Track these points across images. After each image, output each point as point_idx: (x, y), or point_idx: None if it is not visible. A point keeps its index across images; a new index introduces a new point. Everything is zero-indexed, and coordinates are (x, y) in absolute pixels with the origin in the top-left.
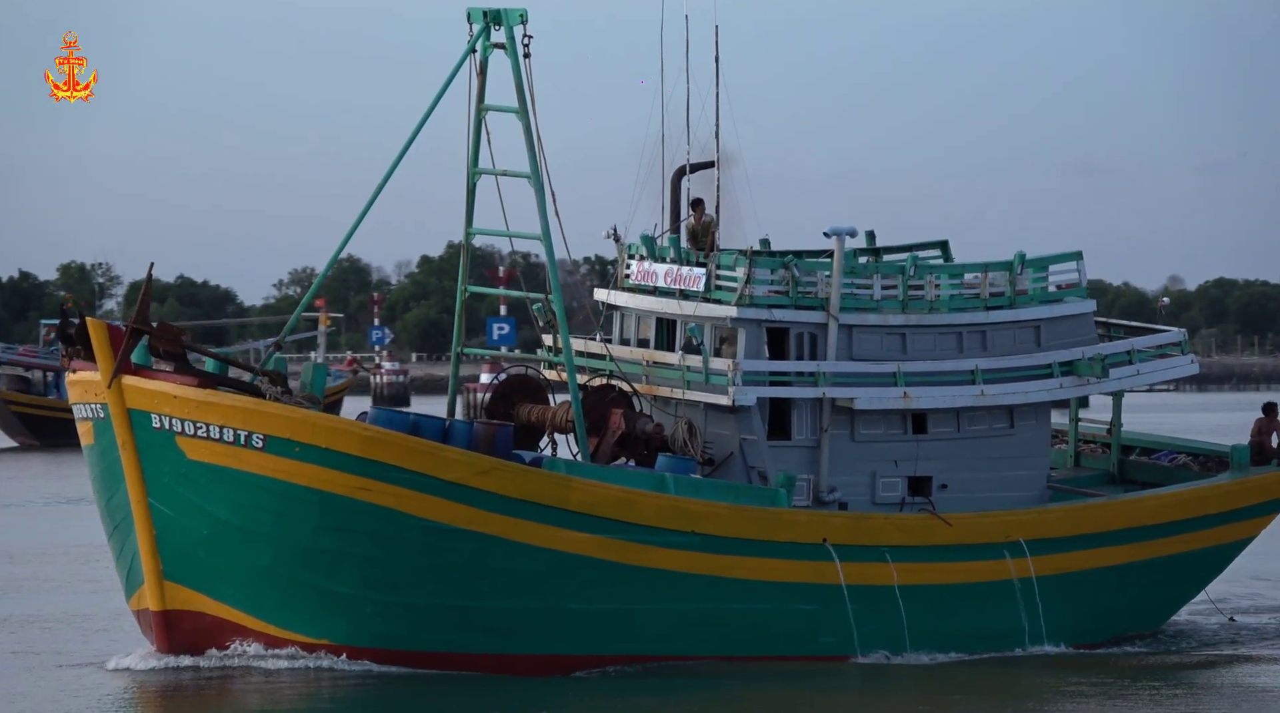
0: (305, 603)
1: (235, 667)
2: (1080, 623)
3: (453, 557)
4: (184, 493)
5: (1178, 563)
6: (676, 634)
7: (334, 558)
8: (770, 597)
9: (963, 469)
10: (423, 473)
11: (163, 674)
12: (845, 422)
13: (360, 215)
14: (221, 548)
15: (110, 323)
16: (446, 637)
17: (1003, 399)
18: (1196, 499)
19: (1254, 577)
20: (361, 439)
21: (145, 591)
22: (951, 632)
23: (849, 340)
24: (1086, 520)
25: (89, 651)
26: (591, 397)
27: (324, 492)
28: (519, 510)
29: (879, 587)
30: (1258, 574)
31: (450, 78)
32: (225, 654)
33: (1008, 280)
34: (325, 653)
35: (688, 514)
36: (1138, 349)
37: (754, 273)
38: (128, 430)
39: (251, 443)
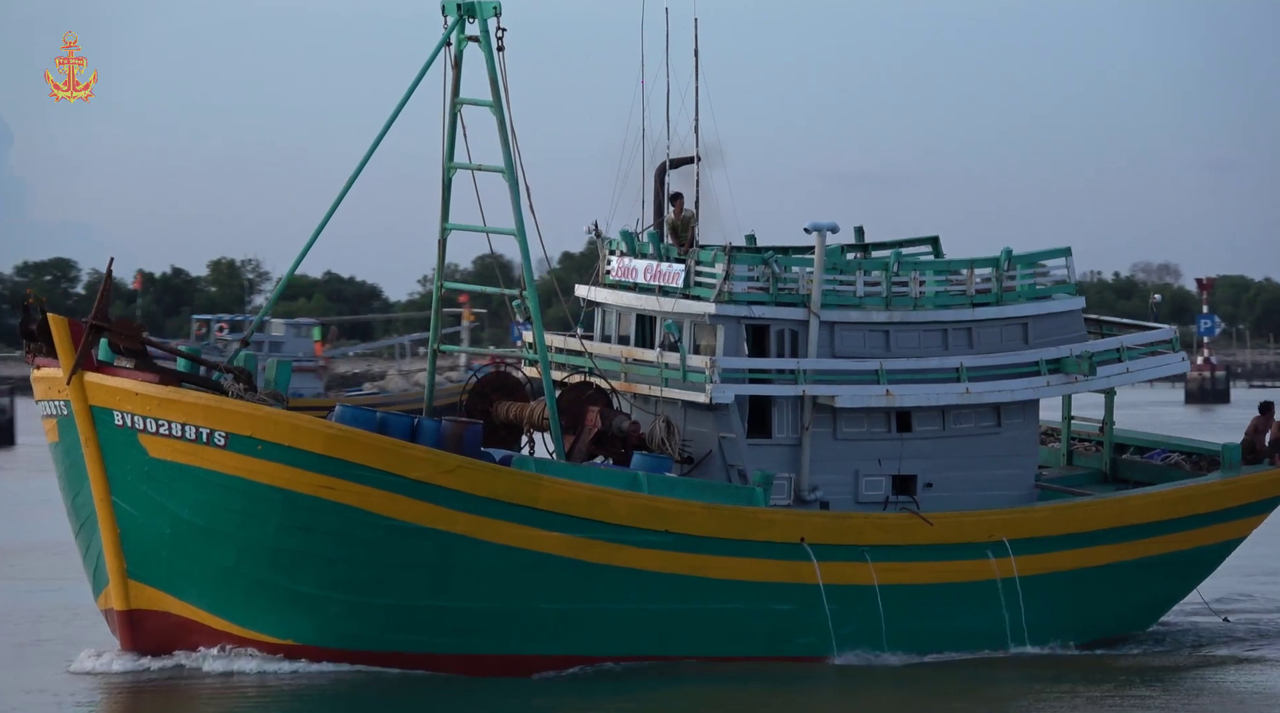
0: (270, 603)
1: (200, 668)
2: (1066, 623)
3: (419, 556)
4: (147, 491)
5: (1167, 563)
6: (650, 634)
7: (298, 558)
8: (746, 597)
9: (949, 468)
10: (387, 471)
11: (127, 676)
12: (827, 420)
13: (328, 213)
14: (185, 547)
15: (72, 319)
16: (414, 637)
17: (988, 397)
18: (1185, 499)
19: (1249, 575)
20: (324, 437)
21: (110, 590)
22: (932, 632)
23: (831, 337)
24: (1072, 520)
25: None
26: (568, 394)
27: (287, 490)
28: (487, 509)
29: (858, 587)
30: (1253, 573)
31: (424, 69)
32: (190, 655)
33: (995, 277)
34: (290, 654)
35: (661, 513)
36: (1127, 347)
37: (733, 269)
38: (90, 428)
39: (214, 441)
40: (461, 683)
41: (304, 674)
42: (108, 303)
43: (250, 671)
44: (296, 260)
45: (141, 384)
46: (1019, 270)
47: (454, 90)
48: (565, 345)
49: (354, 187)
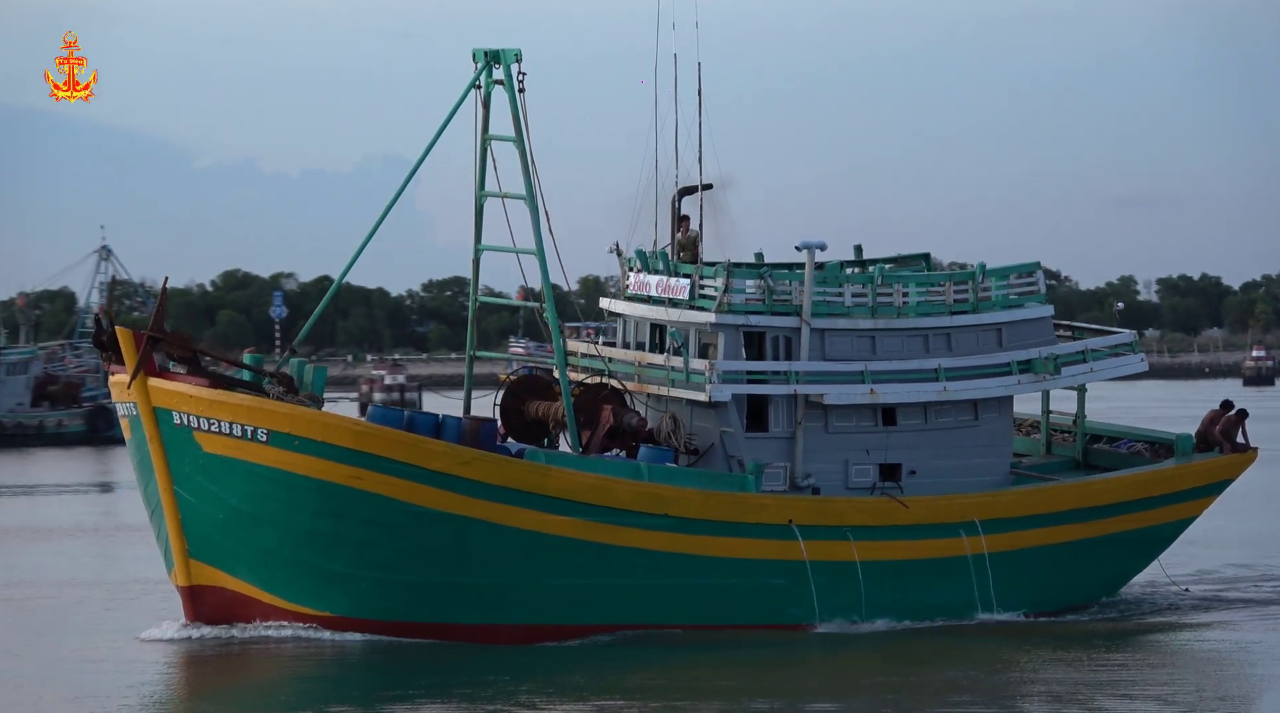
0: (308, 580)
1: (251, 637)
2: (1033, 594)
3: (439, 538)
4: (202, 482)
5: (1125, 540)
6: (652, 606)
7: (331, 540)
8: (739, 572)
9: (930, 457)
10: (409, 463)
11: (187, 644)
12: (819, 415)
13: (371, 230)
14: (235, 531)
15: (135, 331)
16: (436, 610)
17: (964, 394)
18: (1140, 483)
19: (1205, 547)
20: (353, 433)
21: (175, 568)
22: (909, 602)
23: (822, 343)
24: (1037, 502)
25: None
26: (586, 394)
27: (321, 481)
28: (501, 496)
29: (840, 562)
30: (1210, 546)
31: (456, 107)
32: (243, 626)
33: (971, 288)
34: (327, 625)
35: (660, 499)
36: (1091, 349)
37: (732, 283)
38: (154, 426)
39: (257, 437)
40: (480, 650)
41: (341, 644)
42: (164, 316)
43: (294, 640)
44: (344, 271)
45: (194, 387)
46: (994, 282)
47: (484, 127)
48: (588, 351)
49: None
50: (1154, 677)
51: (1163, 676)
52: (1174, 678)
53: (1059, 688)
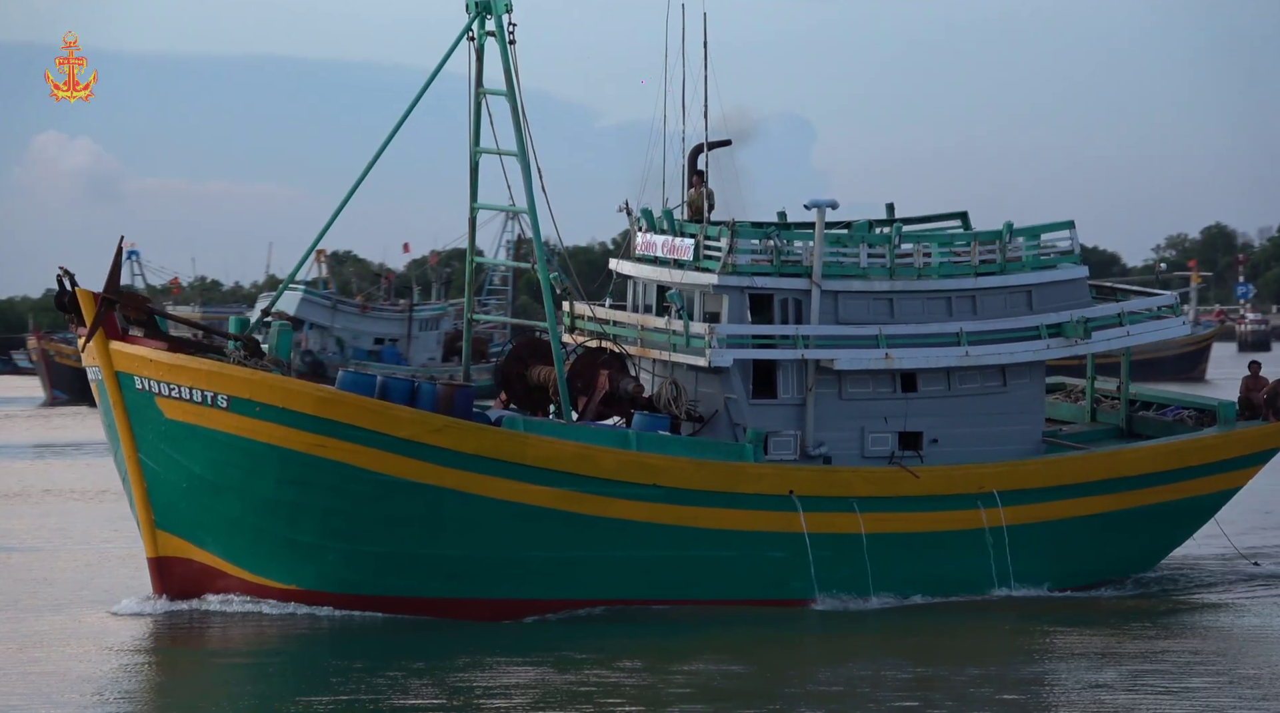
0: (273, 551)
1: (214, 611)
2: (1058, 569)
3: (410, 508)
4: (165, 449)
5: (1159, 512)
6: (642, 580)
7: (295, 509)
8: (734, 545)
9: (954, 425)
10: (376, 430)
11: (151, 618)
12: (832, 381)
13: (343, 201)
14: (199, 500)
15: (96, 292)
16: (407, 583)
17: (988, 359)
18: (1175, 452)
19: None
20: (315, 400)
21: (143, 539)
22: (918, 577)
23: (835, 305)
24: (1061, 472)
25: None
26: (584, 359)
27: (283, 448)
28: (475, 465)
29: (844, 535)
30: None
31: (445, 57)
32: (209, 599)
33: (998, 248)
34: (295, 599)
35: (649, 468)
36: (1129, 312)
37: (736, 243)
38: (117, 391)
39: (217, 403)
40: (455, 626)
41: (308, 617)
42: (118, 277)
43: (260, 614)
44: (315, 240)
45: (154, 351)
46: (1024, 242)
47: (477, 80)
48: (593, 314)
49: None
50: (1177, 650)
51: (1182, 655)
52: (1200, 659)
53: (1085, 674)
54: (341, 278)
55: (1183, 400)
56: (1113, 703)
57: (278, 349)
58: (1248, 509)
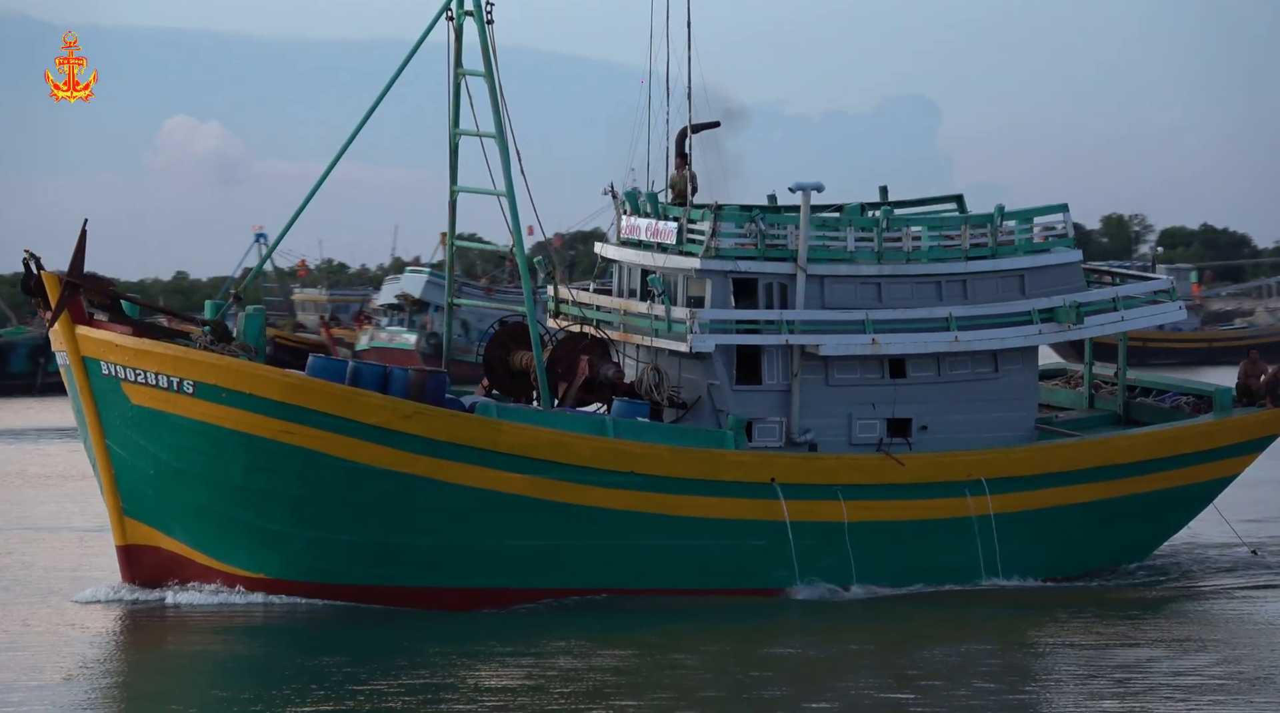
0: (241, 540)
1: (181, 601)
2: (1047, 557)
3: (380, 496)
4: (132, 436)
5: (1152, 500)
6: (618, 569)
7: (263, 497)
8: (713, 533)
9: (944, 411)
10: (344, 417)
11: (121, 607)
12: (819, 367)
13: (319, 181)
14: (166, 488)
15: (60, 276)
16: (378, 572)
17: (977, 345)
18: (1168, 439)
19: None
20: (282, 385)
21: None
22: (904, 566)
23: (821, 290)
24: (1052, 460)
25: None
26: (565, 344)
27: (249, 435)
28: (447, 452)
29: (826, 523)
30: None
31: (423, 36)
32: (175, 588)
33: (989, 232)
34: (262, 588)
35: (626, 455)
36: (1124, 296)
37: (719, 226)
38: (84, 377)
39: (183, 389)
40: (429, 616)
41: (278, 606)
42: (81, 261)
43: (226, 603)
44: (287, 225)
45: (120, 336)
46: (1016, 226)
47: (456, 59)
48: (578, 298)
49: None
50: (1167, 639)
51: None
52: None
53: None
54: (466, 260)
55: (1181, 386)
56: (1100, 696)
57: (246, 334)
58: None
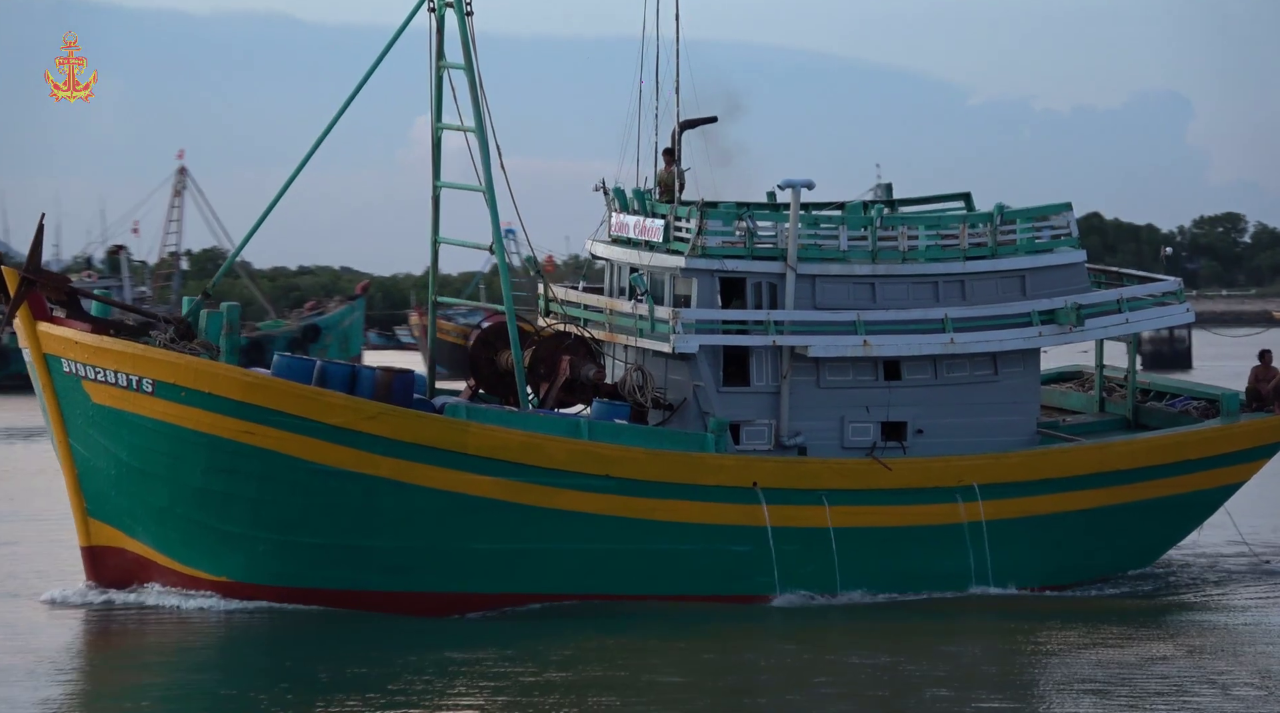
0: (203, 542)
1: (149, 603)
2: (1042, 565)
3: (342, 498)
4: (93, 435)
5: (1154, 507)
6: (592, 574)
7: (224, 499)
8: (692, 538)
9: (941, 415)
10: (305, 417)
11: (81, 608)
12: (810, 368)
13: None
14: (127, 488)
15: (17, 270)
16: (342, 575)
17: (974, 347)
18: (1171, 445)
19: None
20: (242, 385)
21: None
22: (891, 573)
23: (812, 290)
24: (1047, 466)
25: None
26: (547, 344)
27: (210, 435)
28: (412, 454)
29: (810, 529)
30: None
31: (402, 27)
32: (140, 590)
33: (989, 231)
34: (224, 591)
35: (600, 458)
36: (1129, 298)
37: (706, 224)
38: (46, 374)
39: (142, 387)
40: (394, 621)
41: (241, 610)
42: (39, 256)
43: (192, 606)
44: (264, 212)
45: (79, 333)
46: (1018, 224)
47: (438, 53)
48: (565, 297)
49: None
50: (1166, 654)
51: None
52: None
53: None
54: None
55: (1192, 390)
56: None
57: (207, 332)
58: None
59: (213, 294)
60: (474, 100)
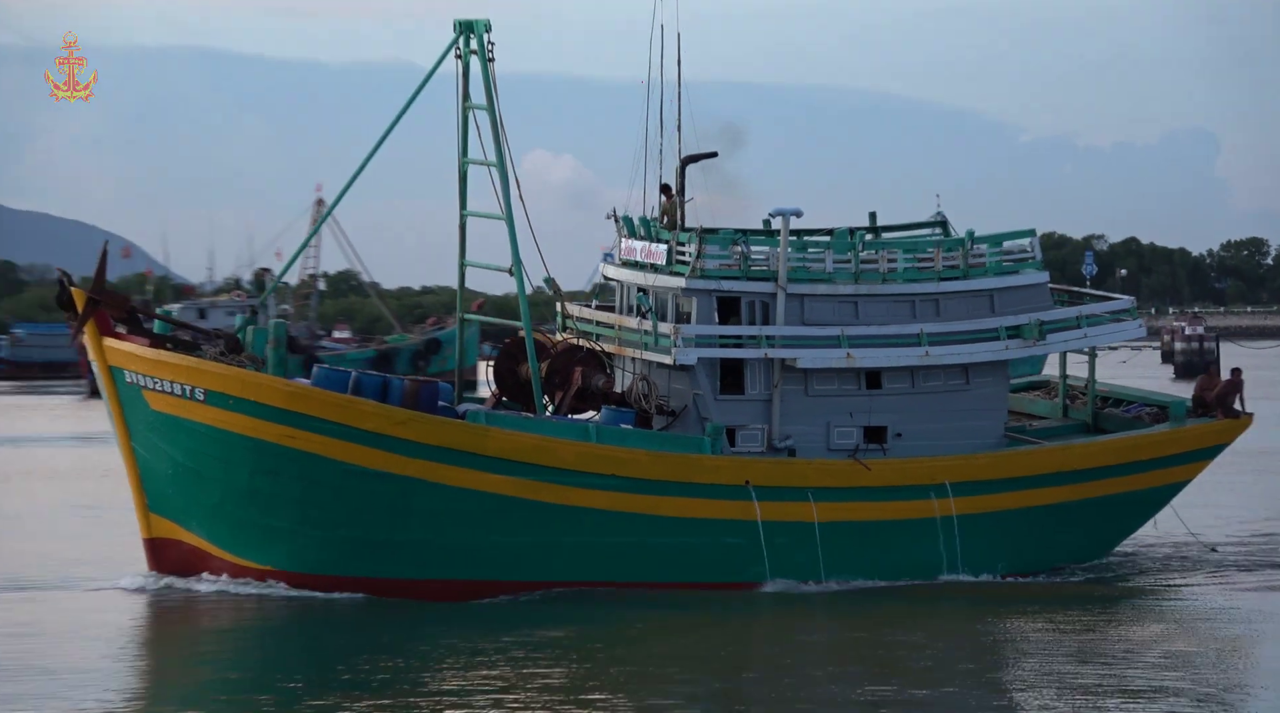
0: (251, 535)
1: (202, 590)
2: (1007, 556)
3: (376, 496)
4: (152, 438)
5: (1109, 503)
6: (599, 564)
7: (270, 497)
8: (690, 531)
9: (918, 420)
10: (341, 423)
11: (143, 595)
12: (799, 378)
13: (336, 199)
14: (183, 487)
15: (86, 292)
16: (378, 565)
17: (947, 359)
18: (1124, 447)
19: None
20: (284, 394)
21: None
22: (870, 562)
23: (801, 308)
24: (1012, 465)
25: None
26: (561, 357)
27: (256, 439)
28: (438, 456)
29: (797, 523)
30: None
31: (430, 73)
32: (197, 578)
33: (961, 255)
34: (272, 579)
35: (607, 459)
36: (1088, 316)
37: (704, 249)
38: (111, 384)
39: (195, 396)
40: (423, 606)
41: (286, 598)
42: (103, 279)
43: (244, 594)
44: (302, 244)
45: (139, 347)
46: (987, 249)
47: (463, 94)
48: (581, 314)
49: None
50: (1113, 637)
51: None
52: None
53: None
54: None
55: (1145, 397)
56: (1053, 683)
57: (253, 346)
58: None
59: (258, 311)
60: (495, 137)
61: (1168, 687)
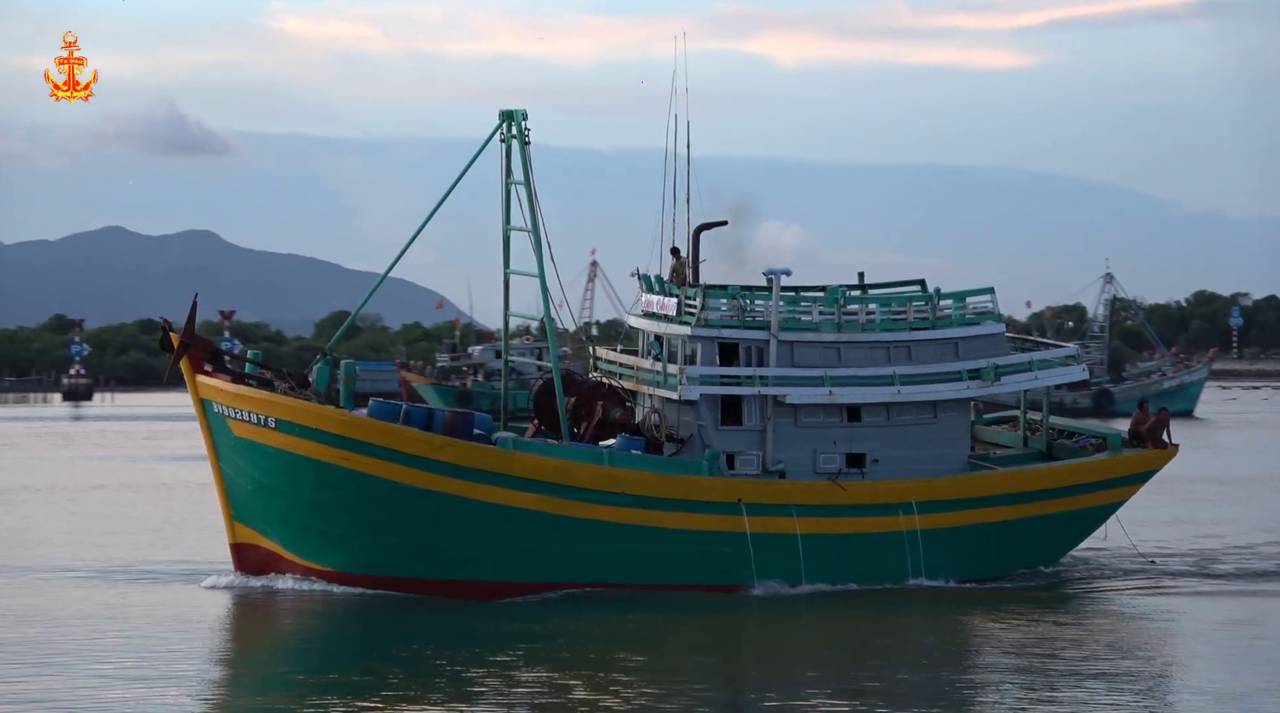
0: (313, 541)
1: (278, 587)
2: (964, 564)
3: (419, 509)
4: (235, 459)
5: (1054, 520)
6: (611, 568)
7: (328, 508)
8: (689, 541)
9: (892, 448)
10: (388, 447)
11: (231, 591)
12: (789, 412)
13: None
14: (259, 500)
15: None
16: (420, 568)
17: (916, 396)
18: (1065, 473)
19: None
20: (339, 422)
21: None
22: (845, 569)
23: (790, 353)
24: (969, 487)
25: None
26: (587, 392)
27: (317, 460)
28: (472, 476)
29: (781, 535)
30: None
31: (475, 156)
32: (272, 578)
33: (929, 308)
34: (329, 578)
35: (618, 480)
36: (1038, 361)
37: (707, 302)
38: (203, 414)
39: (268, 424)
40: (456, 603)
41: (341, 594)
42: (193, 326)
43: (307, 590)
44: (358, 307)
45: (223, 384)
46: (952, 303)
47: (506, 172)
48: (607, 356)
49: None
50: (1053, 636)
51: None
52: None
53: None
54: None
55: (1091, 430)
56: (1008, 671)
57: (318, 382)
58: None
59: (330, 353)
60: (530, 209)
61: (1104, 671)
